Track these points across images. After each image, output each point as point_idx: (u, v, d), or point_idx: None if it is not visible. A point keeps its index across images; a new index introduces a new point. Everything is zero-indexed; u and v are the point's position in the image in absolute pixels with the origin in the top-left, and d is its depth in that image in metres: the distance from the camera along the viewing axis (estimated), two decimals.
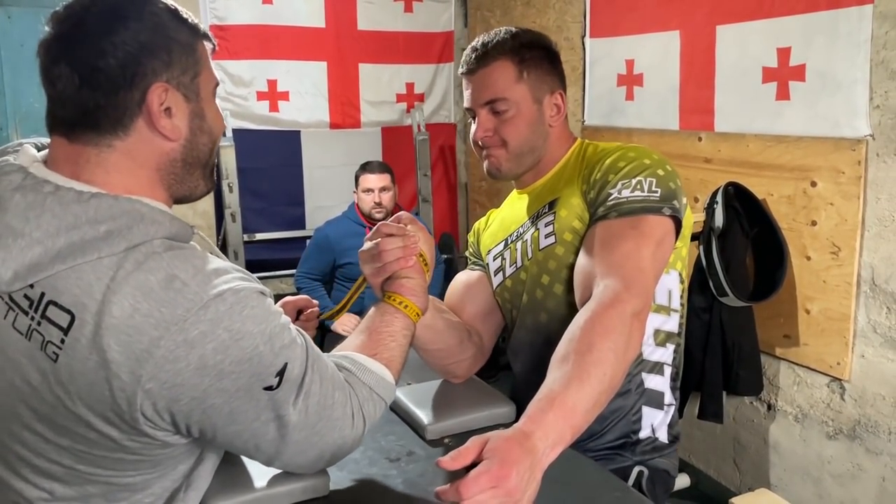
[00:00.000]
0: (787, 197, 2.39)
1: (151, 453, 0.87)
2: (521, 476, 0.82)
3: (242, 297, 0.83)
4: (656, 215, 1.19)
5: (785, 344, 2.46)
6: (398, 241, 1.13)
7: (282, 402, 0.86)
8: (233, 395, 0.83)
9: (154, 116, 0.86)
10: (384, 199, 3.19)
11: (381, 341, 1.04)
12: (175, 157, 0.91)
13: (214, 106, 0.96)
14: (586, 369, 0.96)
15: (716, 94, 2.62)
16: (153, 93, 0.86)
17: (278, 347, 0.85)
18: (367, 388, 0.97)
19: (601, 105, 3.21)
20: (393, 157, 3.89)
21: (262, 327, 0.84)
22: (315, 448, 0.92)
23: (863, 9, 2.10)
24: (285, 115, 3.75)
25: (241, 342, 0.81)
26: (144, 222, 0.84)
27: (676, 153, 2.79)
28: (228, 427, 0.85)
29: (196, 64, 0.90)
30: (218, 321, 0.80)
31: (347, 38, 3.83)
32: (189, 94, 0.90)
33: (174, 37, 0.88)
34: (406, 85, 4.00)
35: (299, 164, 3.81)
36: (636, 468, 1.28)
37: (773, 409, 2.56)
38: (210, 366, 0.80)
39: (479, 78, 1.32)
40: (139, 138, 0.87)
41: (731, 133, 2.58)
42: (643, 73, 2.96)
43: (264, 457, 0.92)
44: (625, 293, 1.07)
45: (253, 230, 3.69)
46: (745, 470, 2.69)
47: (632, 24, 2.98)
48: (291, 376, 0.86)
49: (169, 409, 0.81)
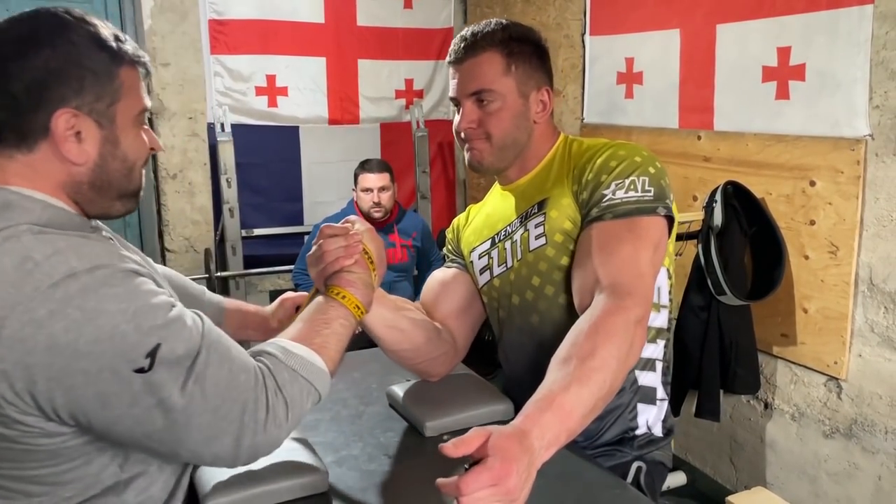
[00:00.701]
0: (785, 196, 2.39)
1: (36, 443, 0.85)
2: (520, 475, 0.83)
3: (99, 277, 0.82)
4: (651, 216, 1.19)
5: (782, 343, 2.46)
6: (340, 240, 1.12)
7: (162, 385, 0.83)
8: (95, 376, 0.81)
9: (58, 141, 0.89)
10: (383, 199, 3.19)
11: (314, 328, 1.02)
12: (81, 179, 0.92)
13: (136, 132, 0.96)
14: (587, 374, 0.96)
15: (715, 93, 2.62)
16: (58, 118, 0.88)
17: (147, 327, 0.82)
18: (289, 371, 0.93)
19: (601, 103, 3.21)
20: (391, 154, 3.89)
21: (124, 306, 0.82)
22: (226, 434, 0.87)
23: (863, 9, 2.10)
24: (284, 111, 3.74)
25: (97, 321, 0.80)
26: (10, 209, 0.85)
27: (675, 152, 2.79)
28: (102, 412, 0.83)
29: (115, 91, 0.92)
30: (68, 300, 0.80)
31: (347, 33, 3.82)
32: (102, 121, 0.91)
33: (88, 65, 0.90)
34: (405, 81, 3.99)
35: (298, 159, 3.81)
36: (635, 464, 1.29)
37: (770, 408, 2.57)
38: (62, 345, 0.79)
39: (467, 68, 1.30)
40: (43, 157, 0.90)
41: (731, 132, 2.58)
42: (643, 72, 2.96)
43: (167, 448, 0.88)
44: (628, 300, 1.07)
45: (251, 225, 3.68)
46: (742, 468, 2.70)
47: (632, 22, 2.98)
48: (170, 357, 0.83)
49: (29, 391, 0.80)
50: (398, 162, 3.77)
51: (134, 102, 0.95)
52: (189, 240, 3.64)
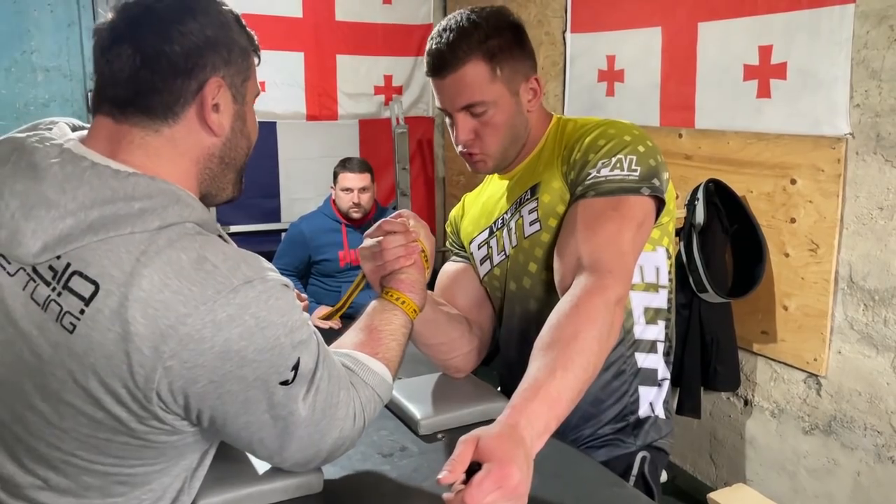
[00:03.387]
0: (766, 194, 2.41)
1: (157, 440, 0.85)
2: (521, 470, 0.81)
3: (269, 287, 0.83)
4: (636, 195, 1.17)
5: (763, 340, 2.48)
6: (400, 238, 1.11)
7: (294, 398, 0.86)
8: (250, 383, 0.82)
9: (206, 109, 0.89)
10: (363, 200, 3.15)
11: (382, 340, 1.04)
12: (214, 152, 0.92)
13: (254, 114, 0.98)
14: (571, 357, 0.95)
15: (697, 91, 2.63)
16: (210, 86, 0.88)
17: (297, 341, 0.85)
18: (369, 389, 0.97)
19: (581, 100, 3.21)
20: (370, 151, 3.86)
21: (285, 319, 0.84)
22: (315, 446, 0.91)
23: (845, 8, 2.11)
24: (260, 106, 3.59)
25: (266, 331, 0.81)
26: (180, 204, 0.84)
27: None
28: (240, 417, 0.85)
29: (248, 69, 0.94)
30: (246, 306, 0.80)
31: (325, 28, 3.78)
32: (237, 96, 0.92)
33: (236, 39, 0.91)
34: (384, 77, 3.96)
35: (275, 155, 3.75)
36: (640, 454, 1.28)
37: (749, 405, 2.58)
38: (234, 351, 0.80)
39: (451, 83, 1.24)
40: (186, 127, 0.89)
41: (712, 130, 2.59)
42: (624, 69, 2.96)
43: (267, 452, 0.91)
44: (608, 279, 1.06)
45: (227, 222, 3.62)
46: (722, 465, 2.71)
47: (613, 20, 2.98)
48: (304, 371, 0.86)
49: (184, 391, 0.80)
50: (377, 158, 3.74)
51: (256, 85, 0.97)
52: None
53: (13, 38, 3.21)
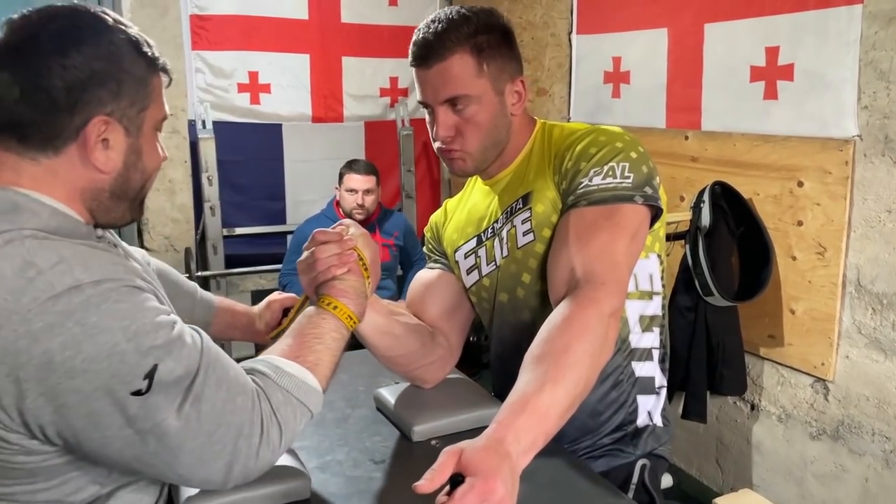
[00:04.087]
0: (773, 196, 2.38)
1: (15, 461, 0.80)
2: (506, 485, 0.79)
3: (105, 290, 0.77)
4: (630, 204, 1.15)
5: (769, 344, 2.45)
6: (333, 247, 1.07)
7: (158, 408, 0.79)
8: (89, 395, 0.76)
9: (89, 148, 0.84)
10: (367, 202, 3.16)
11: (306, 344, 0.98)
12: (103, 187, 0.89)
13: (154, 141, 0.94)
14: (562, 372, 0.93)
15: (703, 93, 2.61)
16: (93, 124, 0.84)
17: (147, 347, 0.78)
18: (282, 392, 0.90)
19: (587, 102, 3.19)
20: (376, 152, 3.85)
21: (126, 324, 0.78)
22: (219, 460, 0.84)
23: (852, 8, 2.09)
24: (267, 108, 3.68)
25: (97, 338, 0.76)
26: (17, 212, 0.80)
27: (663, 151, 2.77)
28: (93, 433, 0.78)
29: (147, 97, 0.89)
30: (69, 313, 0.75)
31: (331, 30, 3.77)
32: (130, 128, 0.88)
33: (128, 69, 0.86)
34: (390, 79, 3.95)
35: (280, 157, 3.75)
36: (639, 462, 1.26)
37: (756, 409, 2.56)
38: (57, 362, 0.75)
39: (436, 74, 1.21)
40: (68, 162, 0.85)
41: (718, 132, 2.57)
42: (630, 71, 2.94)
43: (155, 470, 0.84)
44: (602, 291, 1.04)
45: (232, 224, 3.62)
46: (728, 470, 2.68)
47: (619, 21, 2.96)
48: (168, 378, 0.79)
49: (17, 406, 0.76)
50: (382, 160, 3.73)
51: (159, 110, 0.92)
52: (169, 238, 3.57)
53: None
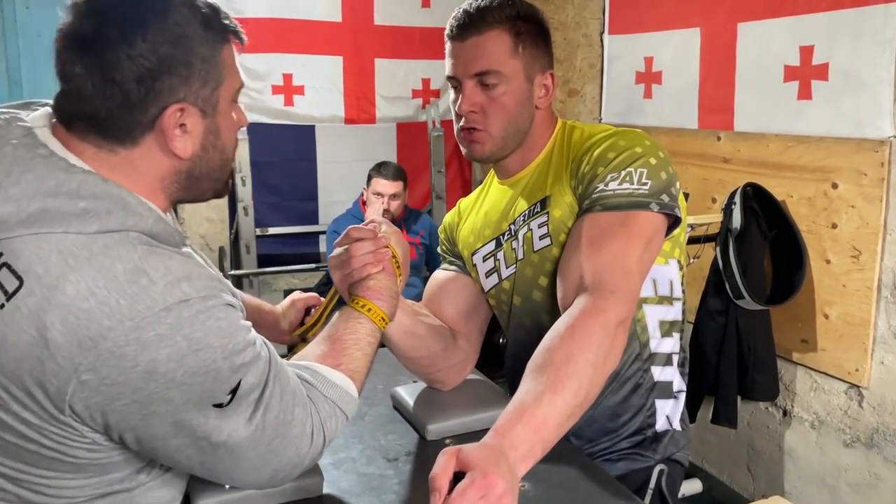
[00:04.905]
0: (807, 198, 2.34)
1: (74, 455, 0.80)
2: (506, 480, 0.79)
3: (210, 307, 0.78)
4: (645, 211, 1.12)
5: (802, 349, 2.40)
6: (368, 245, 1.07)
7: (232, 419, 0.81)
8: (179, 406, 0.77)
9: (167, 136, 0.83)
10: (393, 206, 3.19)
11: (345, 350, 0.97)
12: (181, 170, 0.87)
13: (230, 115, 0.90)
14: (562, 381, 0.91)
15: (736, 93, 2.57)
16: (169, 114, 0.82)
17: (238, 364, 0.80)
18: (329, 404, 0.91)
19: (619, 103, 3.16)
20: (407, 154, 3.87)
21: (225, 342, 0.79)
22: (269, 466, 0.86)
23: (889, 7, 2.04)
24: (300, 110, 3.73)
25: (200, 353, 0.77)
26: (126, 211, 0.79)
27: (695, 152, 2.74)
28: (170, 440, 0.80)
29: (218, 74, 0.86)
30: (178, 327, 0.75)
31: (364, 32, 3.80)
32: (206, 109, 0.86)
33: (196, 50, 0.83)
34: (422, 80, 3.96)
35: (313, 158, 3.79)
36: (657, 467, 1.25)
37: (788, 415, 2.51)
38: (161, 372, 0.75)
39: (471, 46, 1.20)
40: (147, 151, 0.84)
41: (751, 133, 2.52)
42: (662, 71, 2.91)
43: (214, 475, 0.86)
44: (610, 300, 1.02)
45: (265, 224, 3.68)
46: (759, 476, 2.64)
47: (652, 21, 2.93)
48: (245, 390, 0.81)
49: (102, 408, 0.76)
50: (413, 162, 3.75)
51: (234, 80, 0.89)
52: (204, 238, 3.65)
53: None
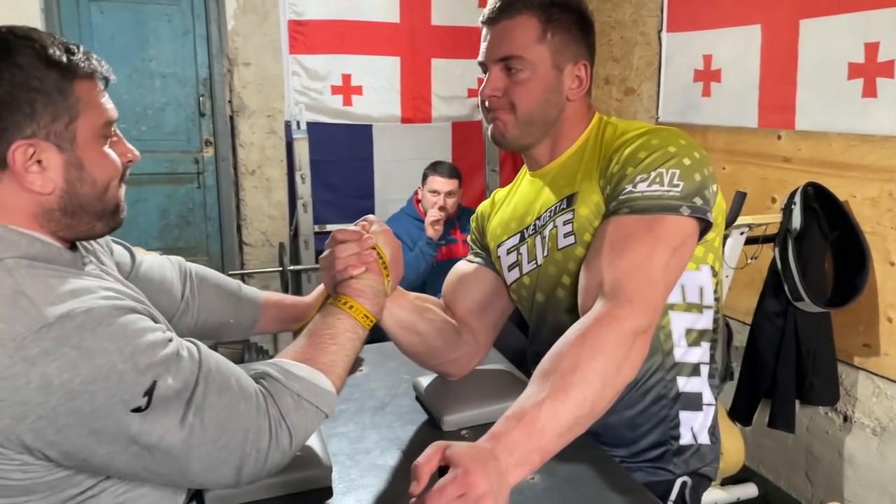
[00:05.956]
0: (871, 199, 2.28)
1: (12, 478, 0.81)
2: (490, 481, 0.78)
3: (96, 316, 0.79)
4: (675, 215, 1.07)
5: (864, 353, 2.34)
6: (352, 246, 1.08)
7: (159, 422, 0.81)
8: (88, 415, 0.78)
9: (19, 174, 0.85)
10: (448, 204, 3.22)
11: (320, 345, 0.98)
12: (51, 206, 0.88)
13: (100, 149, 0.91)
14: (565, 389, 0.89)
15: (797, 91, 2.51)
16: (14, 151, 0.84)
17: (144, 365, 0.80)
18: (293, 396, 0.91)
19: (676, 101, 3.13)
20: (462, 153, 3.90)
21: (121, 345, 0.79)
22: (227, 464, 0.86)
23: None
24: (358, 109, 3.80)
25: (94, 360, 0.78)
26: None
27: (754, 151, 2.69)
28: (97, 450, 0.80)
29: (70, 109, 0.86)
30: (64, 339, 0.77)
31: (421, 33, 3.85)
32: (62, 144, 0.86)
33: (38, 87, 0.84)
34: (477, 80, 3.94)
35: (370, 157, 3.86)
36: (679, 480, 1.21)
37: (849, 421, 2.45)
38: (56, 385, 0.76)
39: (499, 30, 1.20)
40: (7, 189, 0.86)
41: (813, 131, 2.47)
42: (721, 69, 2.86)
43: (168, 478, 0.87)
44: (627, 309, 0.98)
45: (323, 221, 3.75)
46: (818, 483, 2.58)
47: (710, 18, 2.89)
48: (167, 393, 0.81)
49: (14, 430, 0.77)
50: (468, 160, 3.78)
51: (95, 116, 0.89)
52: (265, 234, 3.75)
53: (134, 47, 3.47)
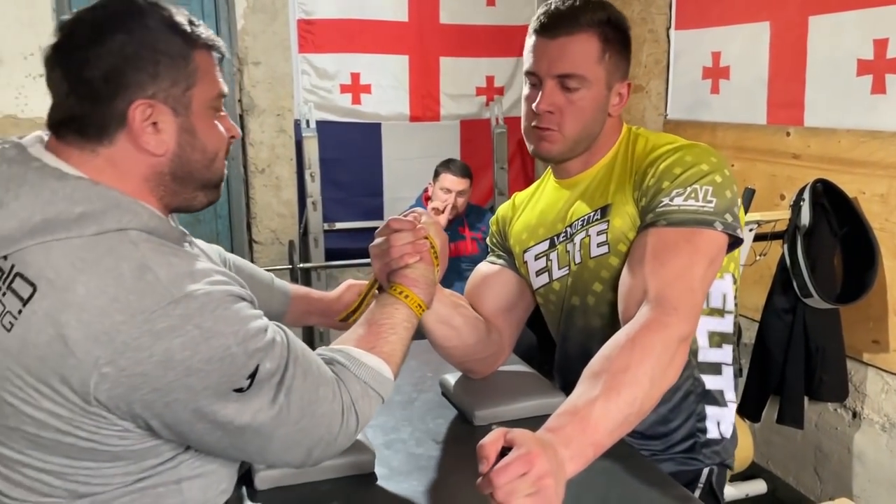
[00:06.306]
0: (880, 195, 2.28)
1: (109, 443, 0.84)
2: (550, 462, 0.81)
3: (214, 299, 0.82)
4: (710, 229, 1.12)
5: (873, 349, 2.34)
6: (407, 235, 1.10)
7: (254, 402, 0.85)
8: (199, 392, 0.82)
9: (136, 133, 0.87)
10: (458, 202, 3.24)
11: (381, 334, 1.01)
12: (163, 170, 0.90)
13: (211, 120, 0.93)
14: (617, 388, 0.93)
15: (806, 88, 2.52)
16: (135, 109, 0.86)
17: (251, 349, 0.84)
18: (361, 384, 0.95)
19: (685, 98, 3.14)
20: (471, 151, 3.91)
21: (236, 329, 0.83)
22: (302, 445, 0.90)
23: None
24: (367, 108, 3.81)
25: (212, 341, 0.81)
26: (120, 209, 0.84)
27: (763, 148, 2.70)
28: (195, 425, 0.84)
29: (189, 76, 0.89)
30: (188, 318, 0.80)
31: (429, 31, 3.86)
32: (178, 108, 0.89)
33: (164, 49, 0.87)
34: (486, 78, 4.00)
35: (379, 155, 3.87)
36: (706, 468, 1.27)
37: (858, 417, 2.45)
38: (177, 360, 0.79)
39: (560, 45, 1.20)
40: (123, 149, 0.88)
41: (822, 128, 2.47)
42: (730, 66, 2.87)
43: (246, 455, 0.91)
44: (673, 316, 1.03)
45: (333, 219, 3.77)
46: (827, 479, 2.58)
47: (719, 15, 2.90)
48: (265, 376, 0.85)
49: (126, 398, 0.80)
50: (477, 158, 3.79)
51: (209, 87, 0.92)
52: (275, 232, 3.77)
53: None
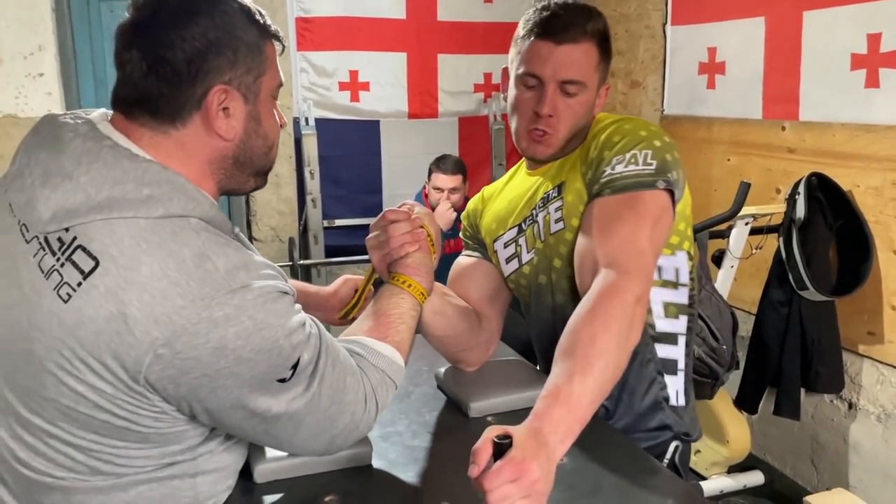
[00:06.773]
0: (874, 188, 2.30)
1: (143, 423, 0.86)
2: (542, 467, 0.84)
3: (268, 292, 0.85)
4: (651, 190, 1.18)
5: (868, 341, 2.37)
6: (405, 225, 1.13)
7: (292, 391, 0.88)
8: (245, 381, 0.84)
9: (211, 116, 0.89)
10: (453, 199, 3.26)
11: (391, 324, 1.04)
12: (227, 154, 0.93)
13: (271, 108, 0.96)
14: (589, 362, 0.97)
15: (801, 82, 2.55)
16: (213, 93, 0.88)
17: (296, 342, 0.87)
18: (379, 373, 0.98)
19: (681, 94, 3.16)
20: (469, 147, 3.93)
21: (283, 321, 0.86)
22: (327, 433, 0.93)
23: None
24: (366, 105, 3.83)
25: (264, 332, 0.83)
26: (186, 196, 0.86)
27: (759, 143, 2.72)
28: (236, 412, 0.86)
29: (261, 65, 0.92)
30: (243, 308, 0.82)
31: (427, 29, 3.88)
32: (249, 95, 0.92)
33: (242, 37, 0.89)
34: (484, 75, 4.02)
35: (378, 152, 3.89)
36: (673, 443, 1.31)
37: (854, 408, 2.47)
38: (230, 349, 0.82)
39: (565, 52, 1.25)
40: (194, 132, 0.90)
41: (817, 122, 2.50)
42: (726, 61, 2.89)
43: (276, 442, 0.94)
44: (626, 280, 1.07)
45: (332, 216, 3.79)
46: (823, 470, 2.61)
47: (715, 11, 2.92)
48: (303, 366, 0.88)
49: (175, 380, 0.82)
50: (476, 155, 3.81)
51: (274, 76, 0.95)
52: (275, 229, 3.79)
53: None
